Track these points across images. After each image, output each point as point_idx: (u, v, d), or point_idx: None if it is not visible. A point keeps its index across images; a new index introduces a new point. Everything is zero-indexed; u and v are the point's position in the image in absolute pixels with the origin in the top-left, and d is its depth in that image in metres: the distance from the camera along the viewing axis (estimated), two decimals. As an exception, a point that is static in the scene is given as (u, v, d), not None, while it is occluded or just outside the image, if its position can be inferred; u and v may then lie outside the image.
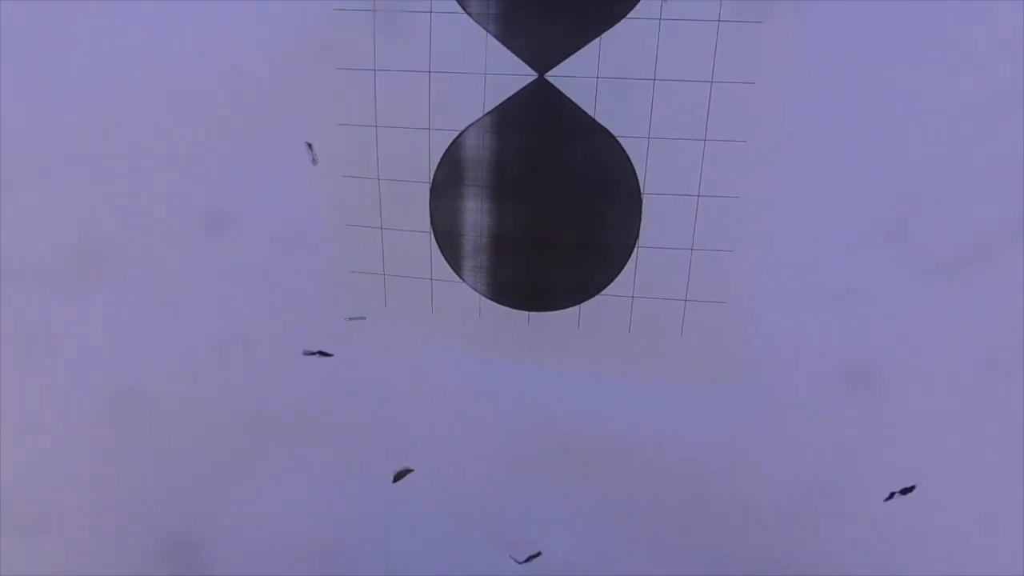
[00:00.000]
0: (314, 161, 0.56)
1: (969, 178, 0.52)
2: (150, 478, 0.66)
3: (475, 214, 0.56)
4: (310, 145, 0.56)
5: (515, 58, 0.52)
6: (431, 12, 0.51)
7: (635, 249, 0.56)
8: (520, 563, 0.69)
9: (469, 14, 0.51)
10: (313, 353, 0.63)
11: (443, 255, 0.58)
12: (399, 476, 0.67)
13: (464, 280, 0.59)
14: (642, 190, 0.54)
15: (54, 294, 0.59)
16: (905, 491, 0.63)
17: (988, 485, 0.60)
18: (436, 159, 0.55)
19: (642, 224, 0.55)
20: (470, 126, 0.54)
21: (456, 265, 0.58)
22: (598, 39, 0.51)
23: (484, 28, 0.51)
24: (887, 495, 0.63)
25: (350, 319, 0.61)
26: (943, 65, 0.49)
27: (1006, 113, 0.50)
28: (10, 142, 0.55)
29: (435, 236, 0.58)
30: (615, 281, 0.57)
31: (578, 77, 0.52)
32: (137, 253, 0.58)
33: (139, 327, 0.61)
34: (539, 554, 0.69)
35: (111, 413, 0.63)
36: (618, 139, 0.53)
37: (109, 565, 0.68)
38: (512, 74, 0.52)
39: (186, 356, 0.62)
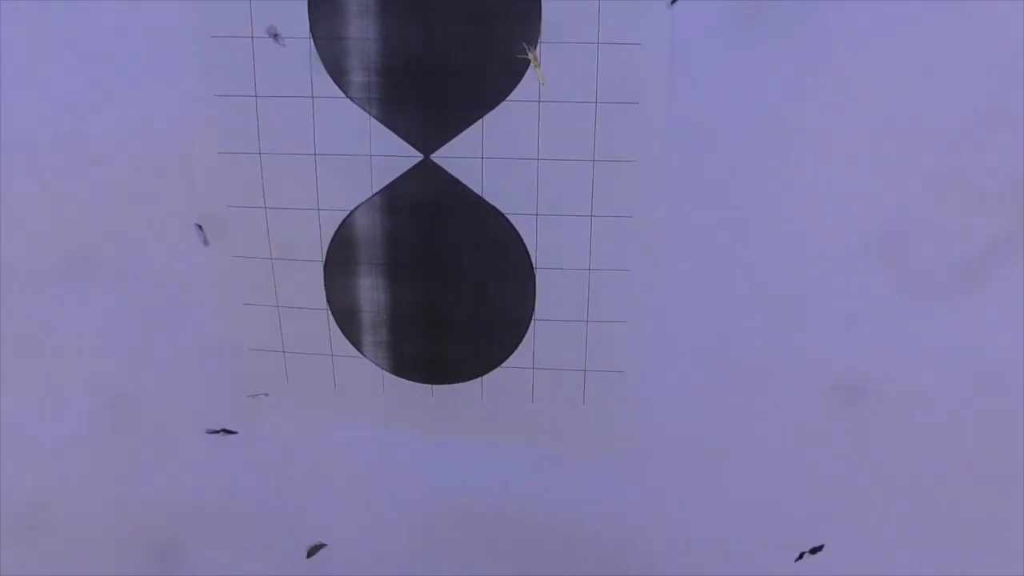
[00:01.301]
0: (205, 242, 0.56)
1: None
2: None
3: (371, 291, 0.56)
4: (200, 227, 0.55)
5: (400, 140, 0.52)
6: (312, 97, 0.51)
7: (532, 322, 0.56)
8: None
9: (351, 98, 0.51)
10: (217, 431, 0.63)
11: (342, 331, 0.58)
12: (312, 551, 0.67)
13: (365, 356, 0.59)
14: (534, 265, 0.55)
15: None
16: (814, 550, 0.64)
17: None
18: (327, 238, 0.55)
19: (537, 297, 0.56)
20: (360, 206, 0.54)
21: (356, 341, 0.58)
22: (480, 120, 0.51)
23: (367, 111, 0.51)
24: (797, 556, 0.64)
25: (251, 396, 0.61)
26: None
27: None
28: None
29: (332, 313, 0.57)
30: (515, 353, 0.58)
31: (463, 157, 0.52)
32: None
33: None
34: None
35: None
36: (507, 216, 0.54)
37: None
38: (397, 155, 0.52)
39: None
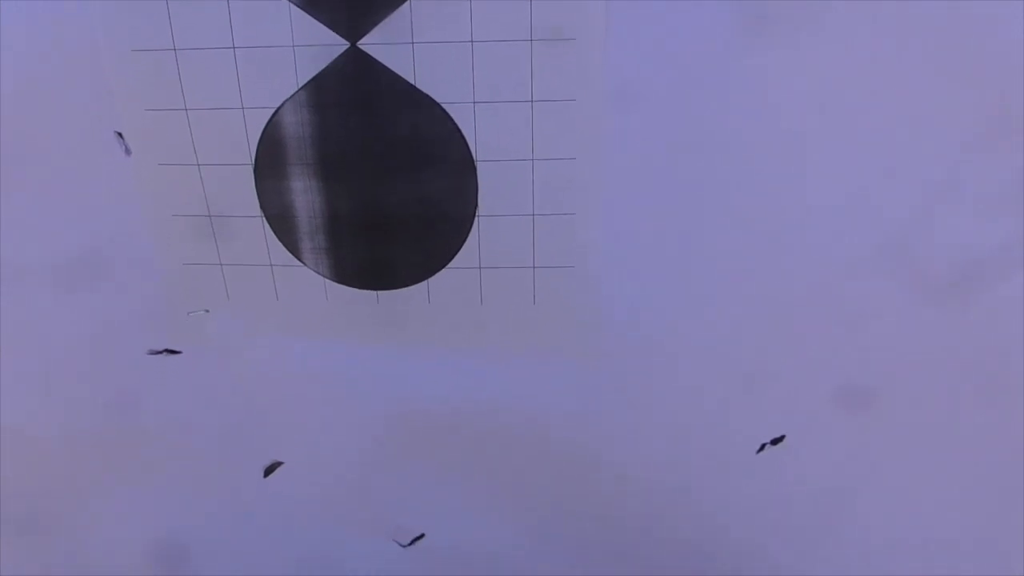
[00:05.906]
0: (127, 151, 0.53)
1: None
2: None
3: (305, 194, 0.54)
4: (120, 135, 0.52)
5: (323, 28, 0.49)
6: (225, -16, 0.48)
7: (475, 219, 0.54)
8: (404, 546, 0.67)
9: (267, -17, 0.48)
10: (160, 352, 0.60)
11: (279, 239, 0.55)
12: (269, 470, 0.65)
13: (305, 264, 0.56)
14: (475, 157, 0.52)
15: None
16: (775, 441, 0.63)
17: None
18: (255, 139, 0.52)
19: (480, 192, 0.53)
20: (285, 102, 0.51)
21: (294, 249, 0.56)
22: (408, 2, 0.48)
23: (286, -2, 0.48)
24: (759, 447, 0.63)
25: (191, 313, 0.59)
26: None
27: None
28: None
29: (267, 220, 0.55)
30: (460, 253, 0.55)
31: (393, 44, 0.49)
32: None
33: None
34: (422, 536, 0.67)
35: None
36: (443, 106, 0.51)
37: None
38: (322, 44, 0.49)
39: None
